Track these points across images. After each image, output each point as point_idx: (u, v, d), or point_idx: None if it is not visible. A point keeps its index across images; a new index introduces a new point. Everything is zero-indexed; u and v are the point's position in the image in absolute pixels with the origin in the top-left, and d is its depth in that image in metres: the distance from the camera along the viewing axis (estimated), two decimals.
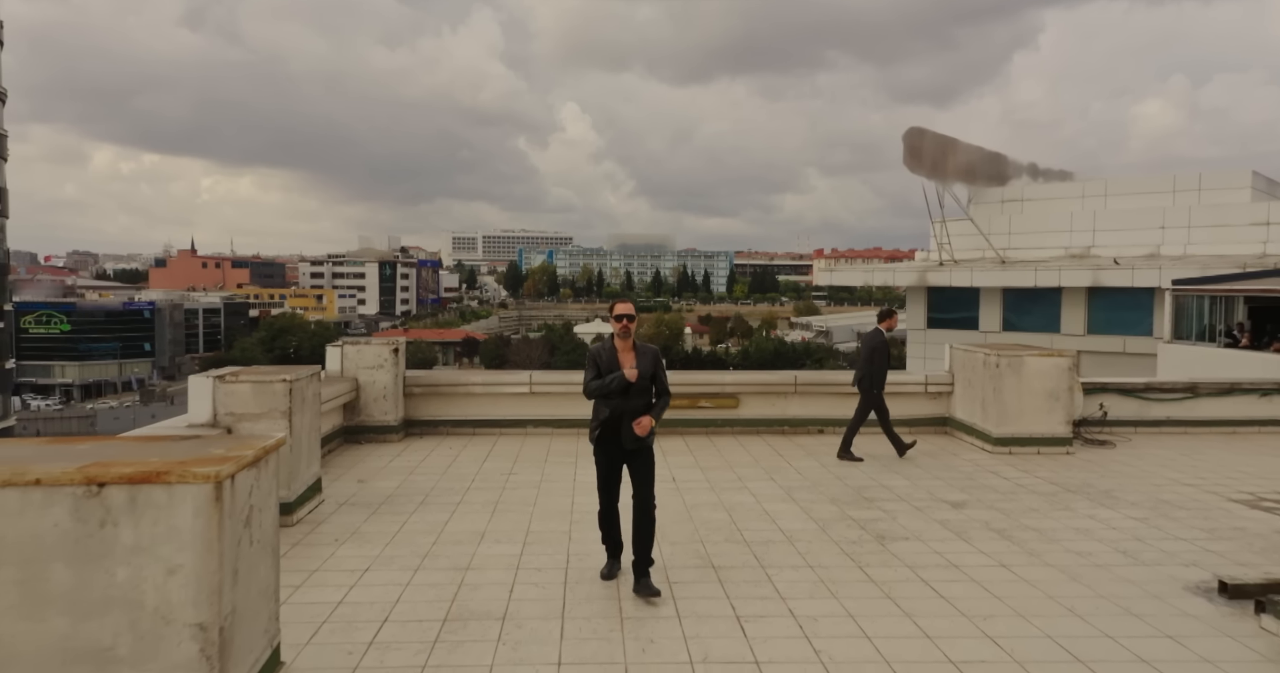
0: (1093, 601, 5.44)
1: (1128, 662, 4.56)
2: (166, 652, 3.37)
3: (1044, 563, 6.19)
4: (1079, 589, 5.65)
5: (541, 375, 11.73)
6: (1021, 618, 5.15)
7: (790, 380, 11.70)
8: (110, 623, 3.35)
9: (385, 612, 5.16)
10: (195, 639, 3.39)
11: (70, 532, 3.32)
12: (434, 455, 9.87)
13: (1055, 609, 5.29)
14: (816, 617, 5.13)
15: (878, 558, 6.28)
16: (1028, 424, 10.25)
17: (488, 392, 11.32)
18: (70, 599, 3.33)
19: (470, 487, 8.42)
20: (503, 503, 7.80)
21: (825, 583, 5.73)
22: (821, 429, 11.45)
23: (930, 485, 8.60)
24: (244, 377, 6.97)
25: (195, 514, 3.37)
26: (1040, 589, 5.64)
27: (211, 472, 3.40)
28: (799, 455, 10.05)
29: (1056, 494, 8.29)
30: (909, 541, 6.73)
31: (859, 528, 7.06)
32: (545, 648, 4.65)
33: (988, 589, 5.64)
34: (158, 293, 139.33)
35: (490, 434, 11.10)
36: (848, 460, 9.72)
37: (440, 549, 6.41)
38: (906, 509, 7.68)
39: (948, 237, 32.27)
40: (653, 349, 5.78)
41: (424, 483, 8.55)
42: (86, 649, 3.34)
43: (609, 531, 5.79)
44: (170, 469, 3.39)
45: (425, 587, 5.60)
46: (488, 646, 4.68)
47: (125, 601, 3.35)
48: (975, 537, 6.84)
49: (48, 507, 3.31)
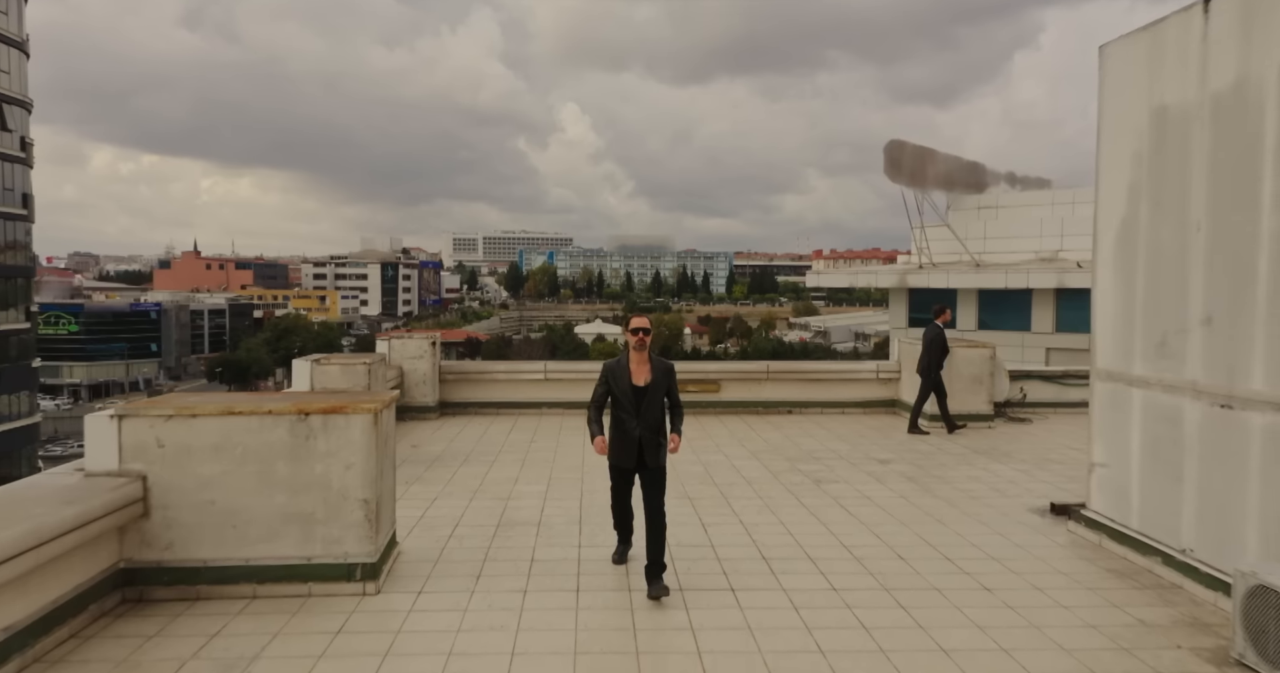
0: (958, 516, 7.61)
1: (963, 545, 6.73)
2: (344, 516, 5.54)
3: (934, 496, 8.36)
4: (952, 511, 7.82)
5: (554, 364, 13.91)
6: (902, 524, 7.33)
7: (763, 369, 13.88)
8: (311, 498, 5.52)
9: (455, 521, 7.33)
10: (361, 509, 5.56)
11: (288, 442, 5.49)
12: (467, 429, 12.04)
13: (928, 520, 7.47)
14: (757, 524, 7.31)
15: (811, 493, 8.46)
16: (957, 403, 12.40)
17: (509, 378, 13.50)
18: (288, 483, 5.50)
19: (501, 450, 10.59)
20: (528, 460, 9.97)
21: (769, 507, 7.90)
22: (790, 410, 13.62)
23: (868, 449, 10.77)
24: (334, 361, 9.16)
25: (362, 433, 5.54)
26: (922, 510, 7.81)
27: (371, 407, 5.57)
28: (768, 430, 12.21)
29: (966, 455, 10.46)
30: (838, 483, 8.90)
31: (803, 475, 9.24)
32: (568, 538, 6.83)
33: (885, 510, 7.81)
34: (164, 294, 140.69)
35: (512, 414, 13.26)
36: (916, 434, 11.69)
37: (486, 488, 8.58)
38: (844, 464, 9.84)
39: (926, 241, 34.43)
40: (667, 363, 5.80)
41: (463, 448, 10.72)
42: (297, 514, 5.51)
43: (621, 523, 6.17)
44: (347, 405, 5.56)
45: (480, 509, 7.77)
46: (529, 538, 6.86)
47: (320, 484, 5.52)
48: (889, 481, 9.01)
49: (275, 427, 5.48)
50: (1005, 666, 4.61)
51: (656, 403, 5.67)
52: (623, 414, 5.66)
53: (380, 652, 4.72)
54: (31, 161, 50.36)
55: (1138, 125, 6.31)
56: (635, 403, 5.61)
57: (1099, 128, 6.78)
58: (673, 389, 5.77)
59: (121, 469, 5.34)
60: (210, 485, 5.43)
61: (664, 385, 5.68)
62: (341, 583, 5.53)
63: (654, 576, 5.50)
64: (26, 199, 50.12)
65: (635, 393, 5.62)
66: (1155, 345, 6.12)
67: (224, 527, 5.46)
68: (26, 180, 50.03)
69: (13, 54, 48.12)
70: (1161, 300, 6.07)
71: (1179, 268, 5.87)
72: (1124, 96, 6.48)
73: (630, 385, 5.65)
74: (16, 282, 48.43)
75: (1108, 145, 6.68)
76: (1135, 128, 6.34)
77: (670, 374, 5.74)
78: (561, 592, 5.66)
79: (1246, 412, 5.26)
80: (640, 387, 5.63)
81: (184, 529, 5.43)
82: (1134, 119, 6.35)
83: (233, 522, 5.46)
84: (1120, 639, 4.97)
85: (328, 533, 5.53)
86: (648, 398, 5.61)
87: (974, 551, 6.65)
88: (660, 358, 5.79)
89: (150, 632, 4.95)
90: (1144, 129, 6.24)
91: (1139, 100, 6.29)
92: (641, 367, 5.67)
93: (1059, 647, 4.85)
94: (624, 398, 5.66)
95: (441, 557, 6.39)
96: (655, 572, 5.50)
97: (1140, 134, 6.28)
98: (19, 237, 48.89)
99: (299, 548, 5.52)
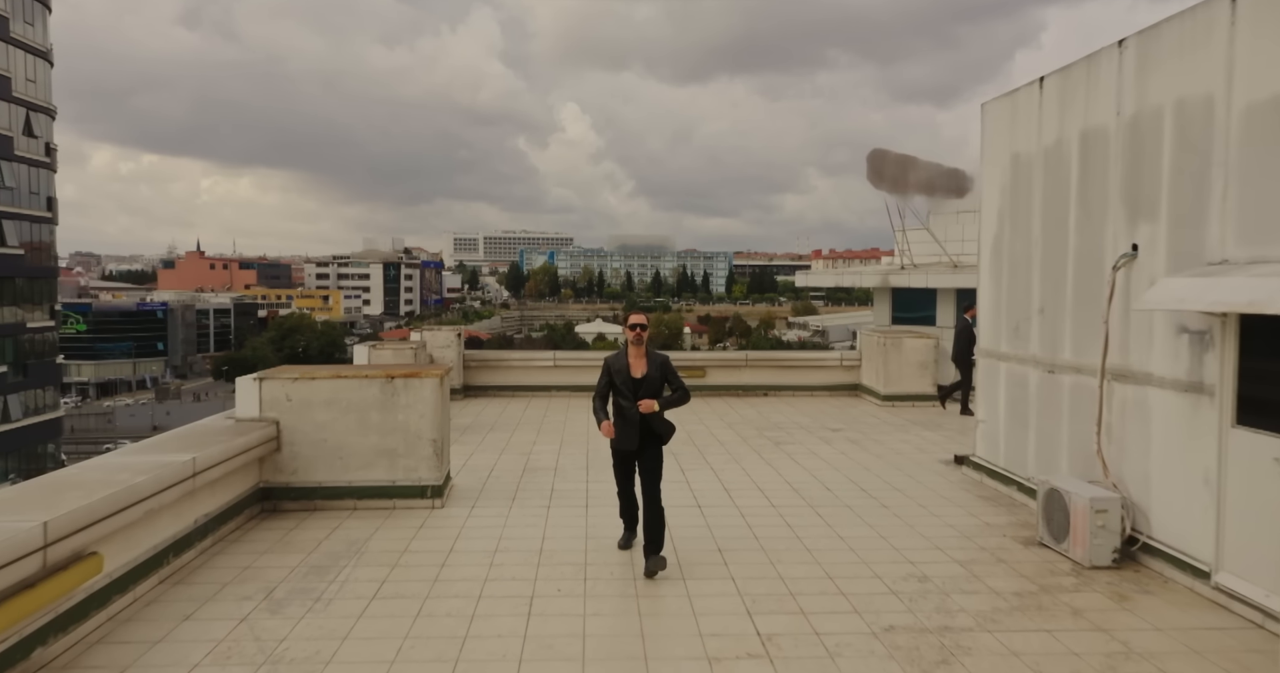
0: (882, 466, 9.76)
1: (878, 483, 8.87)
2: (419, 450, 7.69)
3: (869, 453, 10.51)
4: (878, 462, 9.96)
5: (562, 353, 16.09)
6: (835, 469, 9.48)
7: (743, 357, 16.04)
8: (395, 438, 7.67)
9: (490, 468, 9.49)
10: (431, 446, 7.71)
11: (379, 397, 7.64)
12: (489, 407, 14.19)
13: (857, 468, 9.62)
14: (723, 469, 9.46)
15: (770, 450, 10.61)
16: (906, 386, 14.56)
17: (524, 365, 15.66)
18: (378, 427, 7.65)
19: (519, 422, 12.74)
20: (542, 429, 12.12)
21: (735, 460, 10.04)
22: (766, 392, 15.76)
23: (824, 421, 12.92)
24: (386, 346, 11.31)
25: (431, 391, 7.69)
26: (856, 462, 9.96)
27: (439, 372, 7.73)
28: (744, 408, 14.36)
29: (905, 426, 12.61)
30: (794, 444, 11.05)
31: (766, 439, 11.39)
32: (578, 477, 8.99)
33: (826, 461, 9.96)
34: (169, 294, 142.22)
35: (525, 396, 15.41)
36: (968, 415, 13.61)
37: (511, 447, 10.73)
38: (802, 432, 11.99)
39: (908, 244, 36.59)
40: (662, 355, 6.28)
41: (488, 420, 12.87)
42: (385, 450, 7.66)
43: (626, 509, 6.56)
44: (421, 372, 7.71)
45: (507, 460, 9.92)
46: (549, 477, 9.01)
47: (402, 428, 7.67)
48: (835, 443, 11.17)
49: (370, 387, 7.63)
50: (879, 544, 6.76)
51: (655, 392, 6.17)
52: (623, 402, 6.17)
53: (452, 537, 6.88)
54: (55, 166, 52.54)
55: (1003, 165, 8.46)
56: (634, 392, 6.12)
57: (981, 166, 8.93)
58: (671, 377, 6.27)
59: (261, 416, 7.50)
60: (323, 428, 7.58)
61: (660, 376, 6.18)
62: (417, 499, 7.69)
63: (649, 554, 6.04)
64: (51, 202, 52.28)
65: (634, 383, 6.13)
66: (1012, 329, 8.28)
67: (333, 458, 7.61)
68: (51, 184, 52.19)
69: (39, 64, 50.28)
70: (1016, 296, 8.22)
71: (1026, 273, 8.02)
72: (995, 143, 8.63)
73: (629, 376, 6.16)
74: (42, 282, 50.64)
75: (986, 180, 8.83)
76: (1001, 167, 8.49)
77: (665, 365, 6.24)
78: (575, 508, 7.81)
79: (1061, 375, 7.41)
80: (638, 378, 6.14)
81: (304, 460, 7.58)
82: (1001, 160, 8.50)
83: (339, 455, 7.61)
84: (966, 532, 7.12)
85: (407, 463, 7.68)
86: (645, 387, 6.13)
87: (885, 485, 8.80)
88: (656, 351, 6.37)
89: (289, 527, 7.10)
90: (1007, 168, 8.39)
91: (1004, 147, 8.44)
92: (639, 360, 6.18)
93: (920, 536, 7.01)
94: (624, 387, 6.17)
95: (484, 489, 8.55)
96: (652, 551, 6.04)
97: (1005, 172, 8.43)
98: (44, 238, 51.09)
99: (386, 474, 7.67)
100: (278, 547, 6.60)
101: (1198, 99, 5.73)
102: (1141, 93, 6.33)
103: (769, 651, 4.82)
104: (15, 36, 47.57)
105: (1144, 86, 6.30)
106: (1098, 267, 6.85)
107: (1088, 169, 7.01)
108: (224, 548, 6.56)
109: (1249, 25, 5.31)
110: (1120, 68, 6.57)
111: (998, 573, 6.13)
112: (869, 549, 6.67)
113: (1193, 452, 5.73)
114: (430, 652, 4.77)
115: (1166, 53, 6.07)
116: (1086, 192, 7.03)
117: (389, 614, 5.30)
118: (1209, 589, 5.55)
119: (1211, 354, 5.57)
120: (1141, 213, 6.31)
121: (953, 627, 5.16)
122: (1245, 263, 5.26)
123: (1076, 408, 7.16)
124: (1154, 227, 6.17)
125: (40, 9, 50.62)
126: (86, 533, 4.73)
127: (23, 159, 48.47)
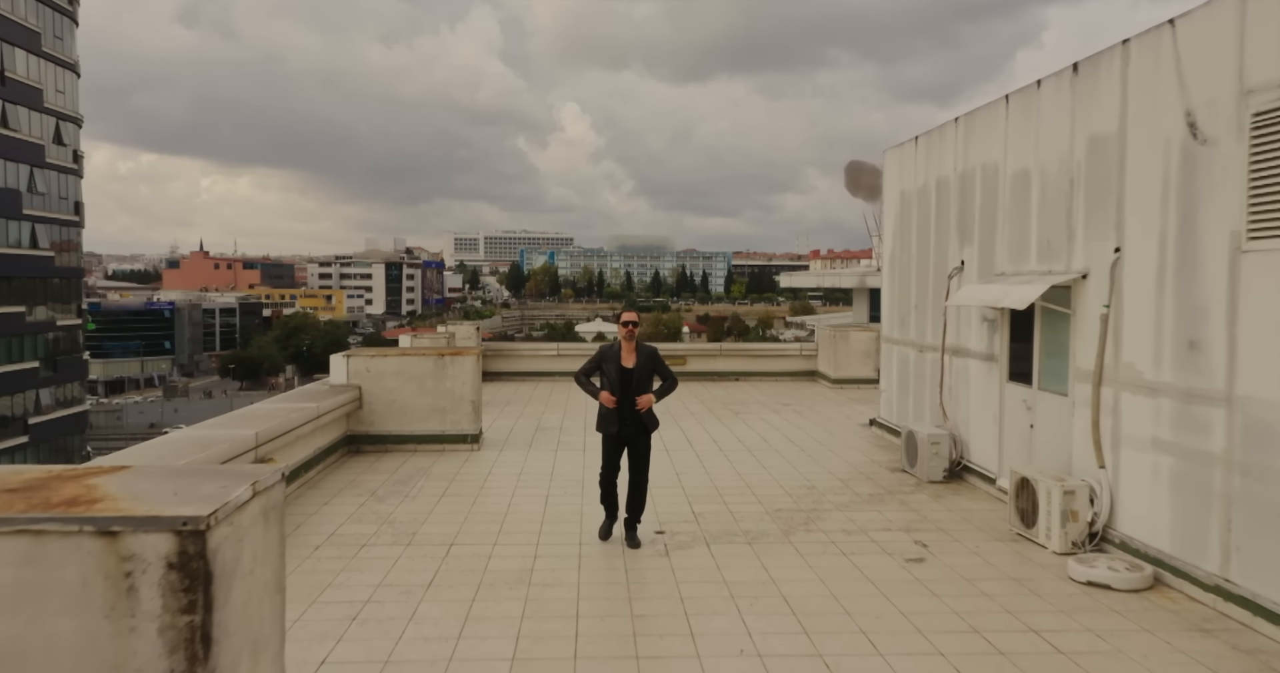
0: (813, 427, 12.61)
1: (805, 438, 11.73)
2: (461, 408, 10.56)
3: (806, 420, 13.37)
4: (812, 424, 12.82)
5: (564, 345, 18.97)
6: (775, 429, 12.35)
7: (717, 348, 18.91)
8: (444, 399, 10.53)
9: (509, 429, 12.35)
10: (470, 406, 10.57)
11: (433, 369, 10.50)
12: (504, 389, 17.05)
13: (793, 428, 12.48)
14: (690, 429, 12.34)
15: (729, 418, 13.48)
16: (852, 371, 17.42)
17: (532, 354, 18.54)
18: (432, 390, 10.51)
19: (529, 399, 15.60)
20: (549, 405, 14.98)
21: (701, 424, 12.91)
22: (736, 378, 18.61)
23: (779, 398, 15.79)
24: (424, 336, 14.15)
25: (471, 365, 10.55)
26: (793, 425, 12.82)
27: (474, 352, 10.61)
28: (716, 390, 17.21)
29: (845, 402, 15.47)
30: (750, 414, 13.91)
31: (729, 411, 14.26)
32: (579, 433, 11.86)
33: (770, 425, 12.82)
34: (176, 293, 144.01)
35: (534, 380, 18.26)
36: None
37: (524, 415, 13.60)
38: (759, 406, 14.85)
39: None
40: (650, 347, 6.84)
41: (503, 397, 15.73)
42: (436, 408, 10.53)
43: (607, 499, 6.96)
44: (463, 351, 10.59)
45: (522, 424, 12.79)
46: (555, 434, 11.89)
47: (449, 392, 10.53)
48: (783, 413, 14.03)
49: (426, 362, 10.49)
50: (790, 471, 9.62)
51: (643, 380, 6.69)
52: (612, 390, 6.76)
53: (488, 467, 9.75)
54: (82, 172, 55.43)
55: (895, 199, 11.31)
56: (623, 381, 6.72)
57: (883, 198, 11.78)
58: (659, 368, 6.78)
59: (348, 383, 10.35)
60: (392, 392, 10.43)
61: (649, 366, 6.72)
62: (460, 444, 10.54)
63: (631, 528, 6.65)
64: (78, 206, 55.18)
65: (624, 373, 6.70)
66: (901, 321, 11.14)
67: (399, 415, 10.46)
68: (77, 189, 55.08)
69: (67, 75, 53.16)
70: (903, 297, 11.08)
71: (907, 280, 10.87)
72: (890, 182, 11.50)
73: (619, 367, 6.72)
74: (72, 282, 53.54)
75: (886, 209, 11.68)
76: (894, 200, 11.35)
77: (653, 356, 6.76)
78: (574, 452, 10.67)
79: (926, 353, 10.27)
80: (628, 368, 6.71)
81: (378, 416, 10.43)
82: (894, 195, 11.35)
83: (404, 412, 10.46)
84: (854, 465, 9.98)
85: (453, 418, 10.53)
86: (634, 377, 6.74)
87: (809, 439, 11.65)
88: (645, 344, 6.91)
89: (372, 461, 9.97)
90: (897, 202, 11.24)
91: (896, 185, 11.30)
92: (630, 353, 6.77)
93: (821, 467, 9.86)
94: (614, 376, 6.72)
95: (507, 440, 11.42)
96: (633, 525, 6.65)
97: (896, 204, 11.29)
98: (72, 239, 53.97)
99: (438, 426, 10.53)
100: (369, 471, 9.46)
101: (991, 164, 8.59)
102: (966, 155, 9.19)
103: (698, 519, 7.68)
104: (46, 51, 50.44)
105: (968, 151, 9.16)
106: (944, 276, 9.71)
107: (940, 206, 9.86)
108: (332, 471, 9.42)
109: (1017, 117, 8.16)
110: (956, 137, 9.43)
111: (863, 485, 9.00)
112: (782, 474, 9.53)
113: (988, 401, 8.59)
114: (483, 521, 7.62)
115: (977, 131, 8.93)
116: (940, 222, 9.88)
117: (454, 504, 8.17)
118: (995, 491, 8.42)
119: (997, 336, 8.43)
120: (966, 238, 9.17)
121: (819, 509, 8.02)
122: (1011, 274, 8.13)
123: (933, 376, 10.02)
124: (971, 248, 9.03)
125: (69, 24, 53.49)
126: (270, 444, 7.58)
127: (53, 166, 51.38)
